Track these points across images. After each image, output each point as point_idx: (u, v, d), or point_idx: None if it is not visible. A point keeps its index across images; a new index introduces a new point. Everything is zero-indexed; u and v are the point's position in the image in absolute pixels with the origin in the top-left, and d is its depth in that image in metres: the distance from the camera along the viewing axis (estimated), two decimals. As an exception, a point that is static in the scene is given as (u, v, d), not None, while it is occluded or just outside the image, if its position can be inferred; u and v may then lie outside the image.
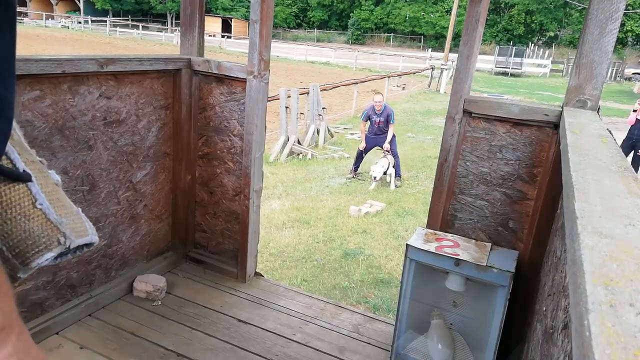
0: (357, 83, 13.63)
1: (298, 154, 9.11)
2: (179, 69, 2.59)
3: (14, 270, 0.86)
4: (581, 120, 1.62)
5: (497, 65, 30.47)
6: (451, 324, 2.18)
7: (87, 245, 0.98)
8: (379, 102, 7.70)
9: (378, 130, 7.88)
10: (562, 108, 1.92)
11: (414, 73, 21.34)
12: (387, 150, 7.69)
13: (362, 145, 7.88)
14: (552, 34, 42.92)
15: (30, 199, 0.90)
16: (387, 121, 7.74)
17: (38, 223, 0.89)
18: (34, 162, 0.94)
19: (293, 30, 51.75)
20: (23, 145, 0.96)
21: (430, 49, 37.61)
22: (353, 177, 7.91)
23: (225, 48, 33.30)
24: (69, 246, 0.89)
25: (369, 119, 7.83)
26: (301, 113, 9.72)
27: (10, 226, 0.87)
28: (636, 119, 8.06)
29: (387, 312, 3.70)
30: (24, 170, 0.95)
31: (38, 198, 0.90)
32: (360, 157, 8.08)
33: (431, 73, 21.91)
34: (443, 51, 30.25)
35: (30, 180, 0.95)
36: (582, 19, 2.82)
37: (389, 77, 17.18)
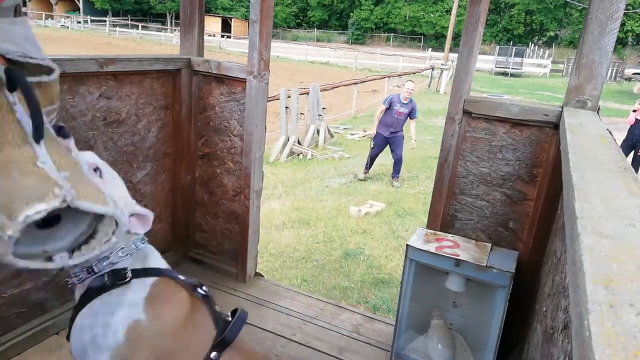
0: (357, 83, 13.63)
1: (298, 154, 9.11)
2: (178, 69, 2.59)
3: (1, 229, 0.81)
4: (581, 121, 1.62)
5: (497, 65, 30.45)
6: (451, 324, 2.18)
7: (113, 222, 0.94)
8: (410, 89, 7.23)
9: (395, 123, 7.31)
10: (562, 108, 1.92)
11: (414, 73, 21.34)
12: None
13: (373, 133, 7.52)
14: (552, 34, 42.91)
15: (33, 158, 0.90)
16: (409, 115, 7.30)
17: (36, 178, 0.87)
18: (54, 140, 0.98)
19: (293, 30, 51.73)
20: (49, 129, 0.98)
21: (430, 49, 37.58)
22: (365, 177, 7.65)
23: (225, 48, 33.29)
24: (67, 200, 0.85)
25: (391, 106, 7.26)
26: (301, 113, 9.71)
27: (5, 182, 0.85)
28: (636, 119, 8.00)
29: (387, 312, 3.70)
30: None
31: (40, 156, 0.91)
32: (375, 153, 7.64)
33: (431, 73, 21.91)
34: (443, 51, 30.24)
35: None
36: (582, 19, 2.82)
37: (389, 77, 17.20)
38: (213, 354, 1.13)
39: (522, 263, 2.04)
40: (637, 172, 6.67)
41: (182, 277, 1.16)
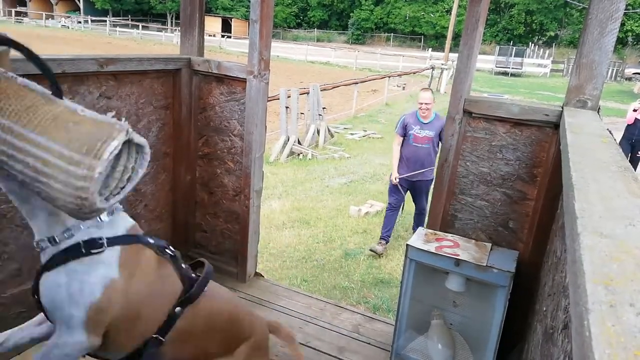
0: (357, 83, 13.62)
1: (298, 154, 9.11)
2: (179, 69, 2.59)
3: (91, 169, 0.91)
4: (581, 120, 1.62)
5: (497, 65, 30.43)
6: (451, 324, 2.18)
7: (142, 150, 1.03)
8: (426, 103, 4.57)
9: (416, 156, 4.67)
10: (562, 108, 1.92)
11: (414, 73, 21.33)
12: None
13: (395, 178, 4.77)
14: (552, 33, 42.90)
15: (71, 110, 0.99)
16: (440, 137, 4.50)
17: (90, 124, 0.96)
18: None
19: (293, 30, 51.72)
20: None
21: (430, 49, 37.56)
22: (383, 250, 4.88)
23: (225, 48, 33.29)
24: (129, 133, 0.97)
25: (406, 130, 4.71)
26: (301, 113, 9.71)
27: (68, 134, 0.94)
28: (635, 118, 7.73)
29: (387, 312, 3.70)
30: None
31: (77, 108, 1.00)
32: (392, 213, 4.96)
33: (431, 73, 21.88)
34: (443, 51, 30.24)
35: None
36: (582, 19, 2.82)
37: (389, 77, 17.19)
38: (177, 309, 1.29)
39: (522, 263, 2.04)
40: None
41: (151, 241, 1.28)
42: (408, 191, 4.95)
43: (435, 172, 2.27)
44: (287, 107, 8.98)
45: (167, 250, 1.32)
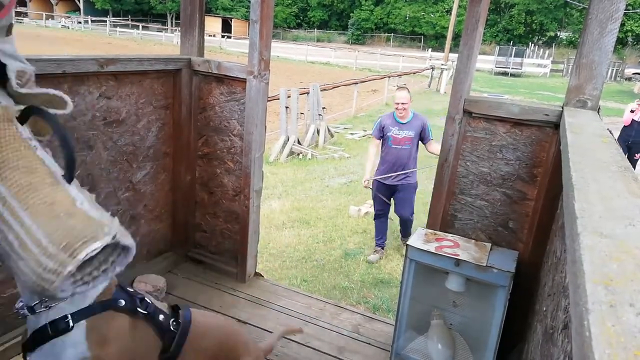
0: (357, 83, 13.63)
1: (298, 154, 9.11)
2: (179, 69, 2.59)
3: (63, 266, 0.89)
4: (581, 120, 1.62)
5: (497, 65, 30.43)
6: (451, 324, 2.18)
7: (126, 250, 1.01)
8: (403, 103, 4.38)
9: (397, 159, 4.43)
10: (562, 108, 1.92)
11: (414, 73, 21.33)
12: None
13: (365, 181, 4.71)
14: (552, 34, 42.91)
15: (70, 199, 0.97)
16: (421, 137, 4.43)
17: (80, 219, 0.95)
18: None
19: (293, 30, 51.72)
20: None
21: (430, 49, 37.57)
22: (380, 257, 4.76)
23: (225, 48, 33.30)
24: (116, 238, 0.94)
25: (384, 132, 4.49)
26: (301, 113, 9.71)
27: (55, 223, 0.92)
28: (633, 120, 7.63)
29: (387, 312, 3.70)
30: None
31: (77, 199, 0.99)
32: (379, 221, 4.78)
33: (431, 73, 21.90)
34: (443, 51, 30.23)
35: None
36: (582, 19, 2.82)
37: (389, 77, 17.19)
38: None
39: (522, 263, 2.04)
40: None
41: (121, 303, 1.20)
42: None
43: (435, 172, 2.27)
44: (287, 107, 8.99)
45: (139, 309, 1.25)
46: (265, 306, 2.61)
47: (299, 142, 9.32)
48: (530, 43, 40.67)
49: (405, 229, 4.84)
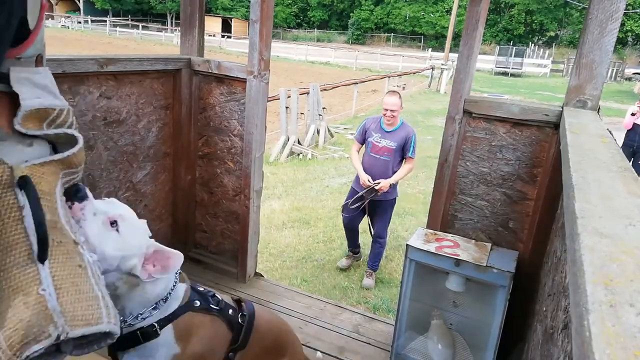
0: (357, 83, 13.62)
1: (298, 154, 9.11)
2: (179, 69, 2.59)
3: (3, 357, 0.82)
4: (581, 120, 1.62)
5: (497, 65, 30.43)
6: (451, 324, 2.18)
7: (106, 335, 0.95)
8: (392, 110, 3.87)
9: (374, 168, 3.87)
10: (562, 108, 1.92)
11: (414, 73, 21.32)
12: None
13: (367, 180, 3.80)
14: (552, 34, 42.90)
15: (36, 282, 0.88)
16: (402, 150, 3.84)
17: (36, 311, 0.86)
18: (62, 244, 0.93)
19: (293, 30, 51.71)
20: (59, 224, 0.94)
21: (430, 49, 37.56)
22: (350, 262, 4.42)
23: (225, 48, 33.29)
24: (60, 338, 0.86)
25: (365, 137, 4.00)
26: (301, 113, 9.71)
27: (10, 313, 0.85)
28: (634, 123, 7.35)
29: (387, 312, 3.69)
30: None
31: (43, 282, 0.88)
32: (351, 228, 4.23)
33: (431, 73, 21.90)
34: (443, 51, 30.25)
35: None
36: (582, 19, 2.82)
37: (389, 77, 17.17)
38: (230, 354, 1.43)
39: (522, 263, 2.04)
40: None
41: (197, 303, 1.36)
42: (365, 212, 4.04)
43: (436, 171, 2.27)
44: (287, 107, 8.98)
45: (212, 306, 1.42)
46: (266, 306, 2.60)
47: (299, 142, 9.32)
48: (530, 43, 40.66)
49: (374, 256, 4.15)
